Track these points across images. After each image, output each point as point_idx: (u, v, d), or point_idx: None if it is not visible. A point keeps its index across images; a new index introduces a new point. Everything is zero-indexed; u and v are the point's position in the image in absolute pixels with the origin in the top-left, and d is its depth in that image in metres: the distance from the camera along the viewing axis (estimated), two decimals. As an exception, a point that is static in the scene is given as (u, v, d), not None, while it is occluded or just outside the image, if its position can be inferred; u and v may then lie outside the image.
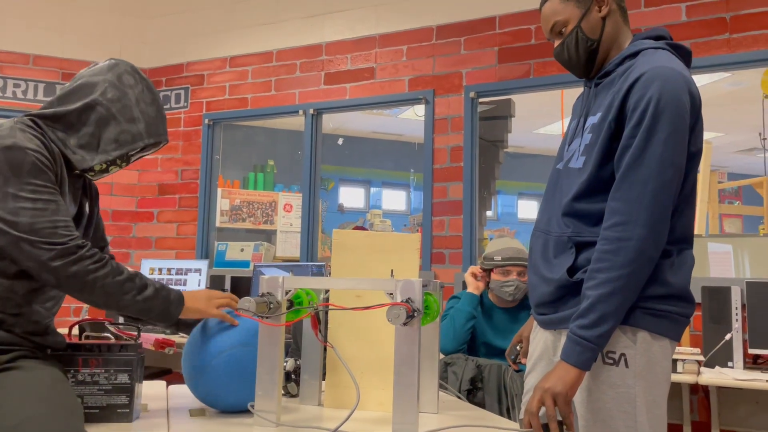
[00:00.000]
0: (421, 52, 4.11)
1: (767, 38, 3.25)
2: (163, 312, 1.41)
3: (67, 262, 1.28)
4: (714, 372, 2.74)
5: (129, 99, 1.46)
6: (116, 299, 1.34)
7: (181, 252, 4.73)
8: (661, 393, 1.39)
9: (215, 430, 1.34)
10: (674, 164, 1.34)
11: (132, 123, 1.46)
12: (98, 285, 1.31)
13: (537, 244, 1.56)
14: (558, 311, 1.47)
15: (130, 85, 1.48)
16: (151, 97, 1.51)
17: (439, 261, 3.92)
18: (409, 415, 1.29)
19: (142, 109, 1.47)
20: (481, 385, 2.47)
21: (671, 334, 1.40)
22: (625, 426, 1.35)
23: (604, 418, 1.37)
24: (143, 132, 1.47)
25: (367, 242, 1.60)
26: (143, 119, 1.47)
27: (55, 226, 1.29)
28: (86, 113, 1.43)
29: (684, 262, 1.42)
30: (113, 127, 1.44)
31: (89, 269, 1.30)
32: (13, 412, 1.09)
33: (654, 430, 1.37)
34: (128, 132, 1.45)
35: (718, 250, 3.40)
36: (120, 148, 1.45)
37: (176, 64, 4.88)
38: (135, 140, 1.46)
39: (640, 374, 1.36)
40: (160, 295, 1.40)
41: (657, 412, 1.38)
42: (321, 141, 4.48)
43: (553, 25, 1.52)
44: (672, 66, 1.37)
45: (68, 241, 1.29)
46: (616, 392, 1.36)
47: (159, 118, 1.51)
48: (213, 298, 1.48)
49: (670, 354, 1.42)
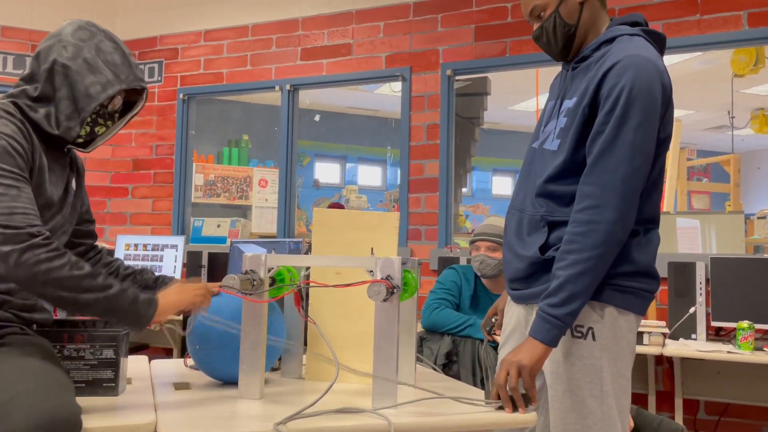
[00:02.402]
0: (398, 29, 4.11)
1: (737, 19, 3.32)
2: (132, 312, 1.28)
3: (16, 249, 1.17)
4: (678, 344, 2.86)
5: (88, 51, 1.40)
6: (74, 296, 1.22)
7: (156, 228, 4.71)
8: (626, 364, 1.47)
9: (200, 402, 1.38)
10: (644, 152, 1.40)
11: (98, 73, 1.40)
12: (51, 277, 1.19)
13: (512, 221, 1.62)
14: (530, 287, 1.54)
15: (86, 38, 1.42)
16: (112, 45, 1.44)
17: (415, 237, 3.98)
18: (389, 386, 1.34)
19: (104, 58, 1.41)
20: (456, 358, 2.55)
21: (636, 309, 1.48)
22: (591, 396, 1.43)
23: (572, 388, 1.44)
24: (112, 79, 1.41)
25: (347, 221, 1.63)
26: (109, 67, 1.41)
27: (11, 213, 1.20)
28: (52, 78, 1.39)
29: (650, 241, 1.49)
30: (81, 83, 1.39)
31: (41, 258, 1.18)
32: (6, 387, 1.11)
33: (618, 399, 1.45)
34: (97, 83, 1.39)
35: (685, 226, 3.51)
36: (93, 101, 1.39)
37: (149, 37, 4.81)
38: (106, 88, 1.40)
39: (606, 347, 1.43)
40: (126, 294, 1.28)
41: (622, 382, 1.46)
42: (298, 117, 4.48)
43: (532, 8, 1.55)
44: (646, 55, 1.42)
45: (23, 227, 1.20)
46: (583, 364, 1.44)
47: (126, 64, 1.44)
48: (186, 290, 1.40)
49: (635, 328, 1.49)
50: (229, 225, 4.62)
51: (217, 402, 1.39)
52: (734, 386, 3.02)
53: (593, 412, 1.43)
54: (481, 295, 2.78)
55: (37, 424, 1.06)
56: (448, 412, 1.33)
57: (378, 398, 1.34)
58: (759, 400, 2.99)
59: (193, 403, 1.37)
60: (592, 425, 1.42)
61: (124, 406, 1.34)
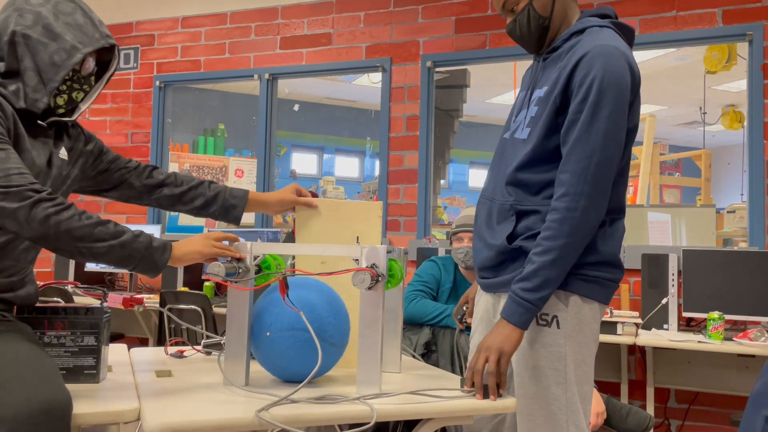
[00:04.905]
0: (378, 20, 4.10)
1: (712, 16, 3.38)
2: (146, 258, 1.29)
3: (24, 206, 1.19)
4: (650, 334, 2.92)
5: (45, 17, 1.35)
6: (88, 245, 1.23)
7: (132, 216, 4.65)
8: (590, 352, 1.51)
9: (183, 389, 1.38)
10: (616, 140, 1.43)
11: (60, 39, 1.35)
12: (63, 228, 1.21)
13: (482, 211, 1.64)
14: (498, 276, 1.56)
15: (42, 3, 1.36)
16: (71, 6, 1.39)
17: (394, 228, 4.00)
18: (373, 373, 1.35)
19: (64, 21, 1.36)
20: (435, 348, 2.57)
21: (600, 298, 1.51)
22: (555, 382, 1.46)
23: (537, 374, 1.48)
24: (76, 43, 1.35)
25: (332, 210, 1.64)
26: (71, 31, 1.36)
27: (7, 174, 1.21)
28: (13, 50, 1.34)
29: (615, 231, 1.52)
30: (44, 51, 1.34)
31: (50, 212, 1.20)
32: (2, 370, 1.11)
33: (581, 385, 1.48)
34: (61, 50, 1.34)
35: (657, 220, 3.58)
36: (60, 70, 1.34)
37: (125, 23, 4.73)
38: (71, 55, 1.35)
39: (570, 335, 1.47)
40: (140, 240, 1.29)
41: (585, 369, 1.50)
42: (276, 107, 4.45)
43: (505, 2, 1.57)
44: (615, 45, 1.44)
45: (24, 185, 1.21)
46: (548, 351, 1.47)
47: (88, 23, 1.39)
48: (206, 241, 1.40)
49: (599, 316, 1.53)
50: (206, 214, 4.58)
51: (200, 389, 1.39)
52: (704, 375, 3.10)
53: (558, 398, 1.46)
54: (460, 286, 2.81)
55: (32, 410, 1.06)
56: (430, 399, 1.35)
57: (362, 386, 1.36)
58: (728, 389, 3.08)
59: (176, 390, 1.37)
60: (556, 411, 1.46)
61: (107, 393, 1.33)
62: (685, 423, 3.31)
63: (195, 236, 1.41)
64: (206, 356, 1.79)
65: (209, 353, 1.80)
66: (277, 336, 1.38)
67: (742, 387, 3.03)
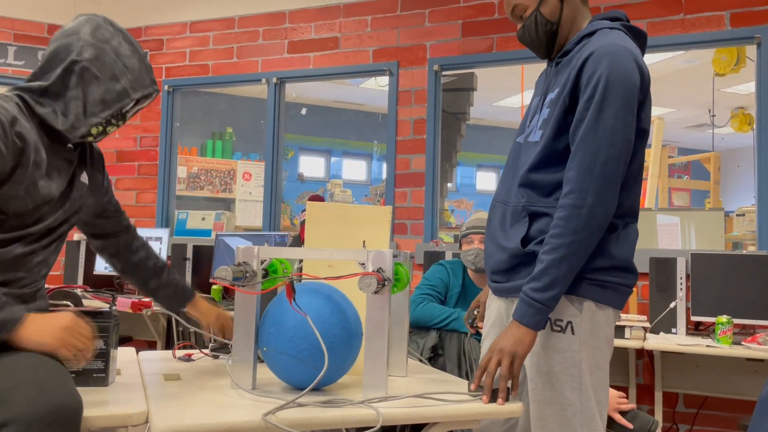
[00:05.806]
0: (385, 23, 4.11)
1: (720, 19, 3.37)
2: None
3: None
4: (659, 338, 2.91)
5: (108, 55, 1.39)
6: None
7: (140, 220, 4.68)
8: (604, 357, 1.50)
9: (191, 392, 1.39)
10: (623, 137, 1.42)
11: (115, 80, 1.40)
12: None
13: (496, 214, 1.64)
14: (510, 280, 1.55)
15: (106, 40, 1.40)
16: (130, 48, 1.43)
17: (401, 232, 4.00)
18: (379, 377, 1.36)
19: (123, 63, 1.41)
20: (442, 352, 2.57)
21: (615, 303, 1.50)
22: (570, 388, 1.46)
23: (551, 380, 1.47)
24: (128, 88, 1.41)
25: (340, 214, 1.65)
26: (126, 74, 1.41)
27: None
28: (66, 77, 1.38)
29: (629, 236, 1.51)
30: (96, 88, 1.38)
31: None
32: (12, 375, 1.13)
33: (596, 390, 1.48)
34: (113, 90, 1.40)
35: (666, 223, 3.56)
36: (108, 109, 1.40)
37: (134, 27, 4.76)
38: (121, 98, 1.41)
39: (584, 341, 1.46)
40: None
41: (600, 375, 1.49)
42: (284, 110, 4.47)
43: (513, 8, 1.58)
44: (623, 44, 1.44)
45: None
46: (563, 357, 1.46)
47: (143, 68, 1.44)
48: (74, 329, 1.25)
49: (613, 321, 1.52)
50: (214, 218, 4.60)
51: (207, 392, 1.39)
52: (713, 379, 3.09)
53: (572, 404, 1.45)
54: (469, 290, 2.80)
55: (44, 411, 1.08)
56: (437, 403, 1.35)
57: (368, 389, 1.36)
58: (736, 393, 3.06)
59: (184, 393, 1.38)
60: (571, 417, 1.45)
61: (116, 396, 1.35)
62: (694, 427, 3.30)
63: (59, 320, 1.26)
64: (214, 360, 1.80)
65: (217, 357, 1.81)
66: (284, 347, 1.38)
67: (751, 391, 3.01)
